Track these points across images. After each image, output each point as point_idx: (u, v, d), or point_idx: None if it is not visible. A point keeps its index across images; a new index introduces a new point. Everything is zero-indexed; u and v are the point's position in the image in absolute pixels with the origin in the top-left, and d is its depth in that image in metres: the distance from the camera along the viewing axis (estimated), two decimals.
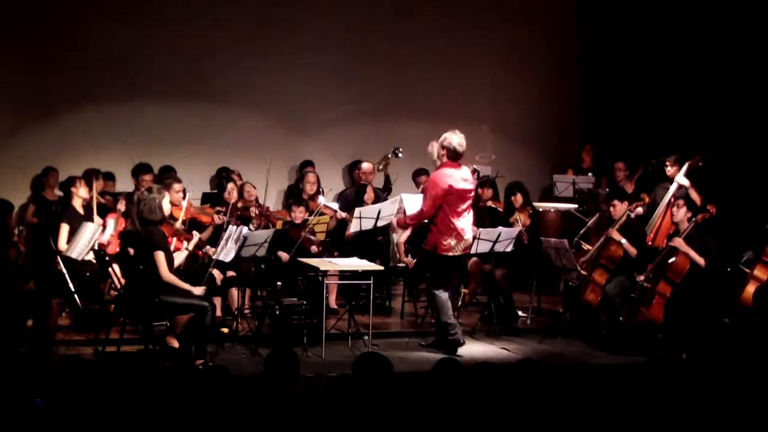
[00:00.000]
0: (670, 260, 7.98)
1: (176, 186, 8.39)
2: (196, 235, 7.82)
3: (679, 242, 8.00)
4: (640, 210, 9.07)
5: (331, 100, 11.63)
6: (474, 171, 8.61)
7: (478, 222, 8.67)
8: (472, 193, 8.10)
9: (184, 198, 8.52)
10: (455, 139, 7.88)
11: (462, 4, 12.05)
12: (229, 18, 11.22)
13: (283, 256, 8.62)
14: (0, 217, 7.21)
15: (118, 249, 8.41)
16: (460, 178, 7.94)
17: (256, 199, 9.70)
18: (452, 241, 7.88)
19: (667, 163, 9.22)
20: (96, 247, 7.94)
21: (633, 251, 8.33)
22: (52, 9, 10.62)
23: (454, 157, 7.90)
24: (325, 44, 11.51)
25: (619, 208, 8.52)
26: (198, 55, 11.08)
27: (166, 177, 8.93)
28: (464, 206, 7.94)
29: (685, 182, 9.02)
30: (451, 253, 7.90)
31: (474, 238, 8.08)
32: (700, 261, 7.94)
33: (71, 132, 10.70)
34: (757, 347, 7.79)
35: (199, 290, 7.37)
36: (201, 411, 4.39)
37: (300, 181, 10.41)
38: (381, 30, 11.76)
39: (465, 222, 7.95)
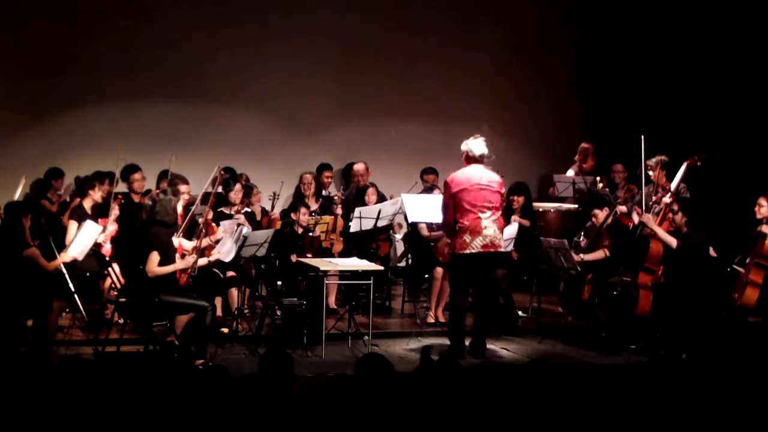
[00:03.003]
0: (644, 248, 8.03)
1: (182, 187, 8.42)
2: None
3: (647, 218, 8.04)
4: (623, 209, 9.06)
5: (332, 100, 11.63)
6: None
7: None
8: (491, 191, 7.91)
9: (192, 200, 8.54)
10: (470, 142, 8.01)
11: (462, 3, 12.06)
12: (230, 19, 11.24)
13: (293, 257, 8.69)
14: (16, 218, 7.21)
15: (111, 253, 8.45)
16: (475, 176, 7.88)
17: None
18: (467, 238, 7.79)
19: (649, 166, 9.21)
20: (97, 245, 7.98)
21: (600, 255, 8.48)
22: (52, 9, 10.63)
23: (468, 159, 7.96)
24: (325, 45, 11.53)
25: (600, 216, 8.63)
26: (198, 55, 11.10)
27: (175, 178, 8.95)
28: (480, 202, 7.81)
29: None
30: (467, 251, 7.78)
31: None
32: (672, 241, 7.96)
33: (71, 132, 10.71)
34: (757, 347, 7.79)
35: (188, 260, 7.43)
36: (200, 411, 4.39)
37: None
38: (381, 30, 11.77)
39: (484, 217, 7.79)
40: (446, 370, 4.65)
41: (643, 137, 8.52)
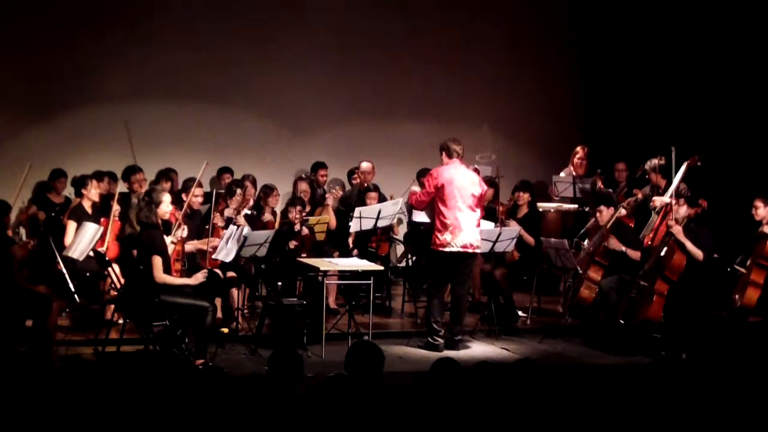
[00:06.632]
0: (667, 256, 7.97)
1: (197, 190, 8.47)
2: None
3: (677, 230, 7.99)
4: (623, 212, 9.00)
5: (331, 100, 11.64)
6: (475, 170, 8.69)
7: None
8: (475, 192, 8.12)
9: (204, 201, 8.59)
10: (447, 141, 8.27)
11: (462, 3, 12.06)
12: (230, 19, 11.24)
13: (292, 243, 8.78)
14: None
15: (116, 253, 8.43)
16: (460, 175, 8.10)
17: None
18: (447, 237, 8.01)
19: (647, 168, 9.22)
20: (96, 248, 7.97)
21: (636, 254, 8.36)
22: (52, 10, 10.63)
23: (449, 154, 8.17)
24: (326, 45, 11.52)
25: (606, 214, 8.60)
26: (198, 55, 11.09)
27: (189, 180, 8.97)
28: (463, 203, 8.03)
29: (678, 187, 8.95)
30: (447, 249, 8.01)
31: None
32: (698, 253, 7.93)
33: (71, 132, 10.71)
34: (757, 347, 7.79)
35: (197, 277, 7.37)
36: (200, 411, 4.39)
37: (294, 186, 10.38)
38: (381, 30, 11.77)
39: (463, 217, 8.02)
40: (443, 371, 4.66)
41: (673, 149, 8.51)
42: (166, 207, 7.46)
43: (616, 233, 8.48)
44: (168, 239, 7.51)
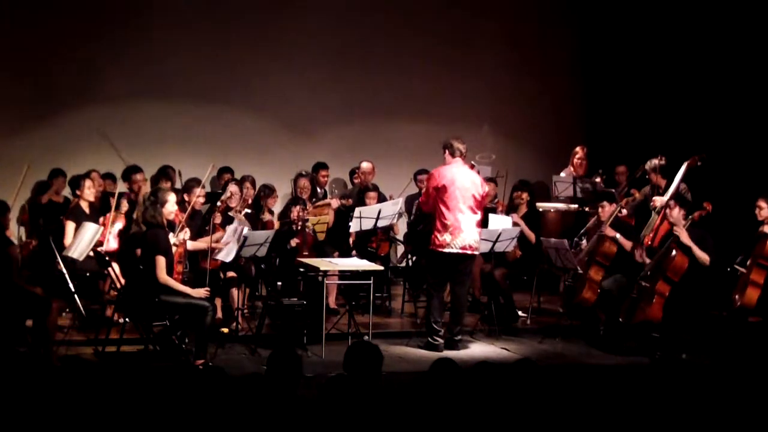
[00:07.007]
0: (669, 258, 7.96)
1: (197, 190, 8.52)
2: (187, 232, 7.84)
3: (683, 234, 7.96)
4: (624, 212, 8.99)
5: (331, 100, 11.63)
6: (471, 166, 8.71)
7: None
8: (476, 194, 8.12)
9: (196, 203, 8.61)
10: (451, 139, 8.26)
11: (462, 3, 12.06)
12: (230, 19, 11.24)
13: (294, 240, 8.81)
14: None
15: (116, 248, 8.41)
16: (462, 176, 8.10)
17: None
18: (447, 237, 8.01)
19: (647, 168, 9.23)
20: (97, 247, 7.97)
21: (628, 244, 8.38)
22: (52, 9, 10.63)
23: (452, 153, 8.17)
24: (325, 45, 11.53)
25: (608, 210, 8.62)
26: (198, 55, 11.09)
27: (191, 180, 8.98)
28: (464, 204, 8.04)
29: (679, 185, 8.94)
30: (446, 250, 8.01)
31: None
32: (705, 257, 7.90)
33: (71, 132, 10.70)
34: (757, 347, 7.79)
35: (199, 292, 7.35)
36: (201, 411, 4.39)
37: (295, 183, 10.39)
38: (381, 31, 11.77)
39: (464, 219, 8.03)
40: (442, 371, 4.66)
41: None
42: (171, 207, 7.42)
43: (616, 230, 8.50)
44: (171, 240, 7.51)
